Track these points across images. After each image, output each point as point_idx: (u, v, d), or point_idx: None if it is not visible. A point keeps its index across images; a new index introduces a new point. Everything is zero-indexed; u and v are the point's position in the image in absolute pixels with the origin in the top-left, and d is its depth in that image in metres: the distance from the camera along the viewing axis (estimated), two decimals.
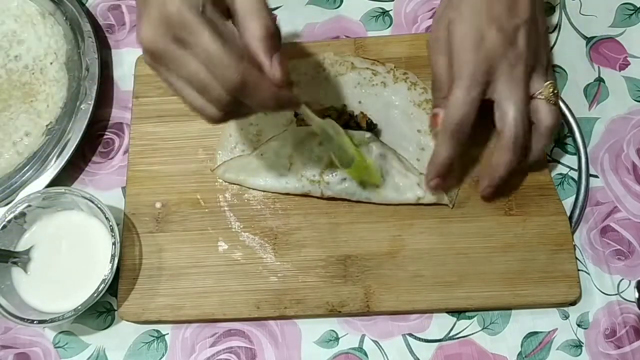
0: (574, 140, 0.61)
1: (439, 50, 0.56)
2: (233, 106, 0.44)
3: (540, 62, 0.55)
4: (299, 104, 0.49)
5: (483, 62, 0.52)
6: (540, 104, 0.54)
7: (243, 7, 0.43)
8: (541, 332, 0.56)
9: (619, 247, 0.59)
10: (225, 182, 0.61)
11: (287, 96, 0.45)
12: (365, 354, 0.56)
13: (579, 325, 0.56)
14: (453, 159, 0.54)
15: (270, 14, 0.44)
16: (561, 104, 0.61)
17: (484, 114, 0.54)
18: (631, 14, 0.67)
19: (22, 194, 0.61)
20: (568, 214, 0.58)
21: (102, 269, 0.55)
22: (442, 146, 0.54)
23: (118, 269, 0.57)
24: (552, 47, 0.65)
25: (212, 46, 0.41)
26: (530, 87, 0.54)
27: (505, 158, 0.53)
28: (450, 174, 0.56)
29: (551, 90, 0.54)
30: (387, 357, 0.56)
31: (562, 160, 0.62)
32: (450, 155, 0.54)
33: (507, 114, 0.52)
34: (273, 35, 0.43)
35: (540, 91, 0.54)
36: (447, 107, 0.53)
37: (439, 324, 0.57)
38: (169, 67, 0.44)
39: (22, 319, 0.54)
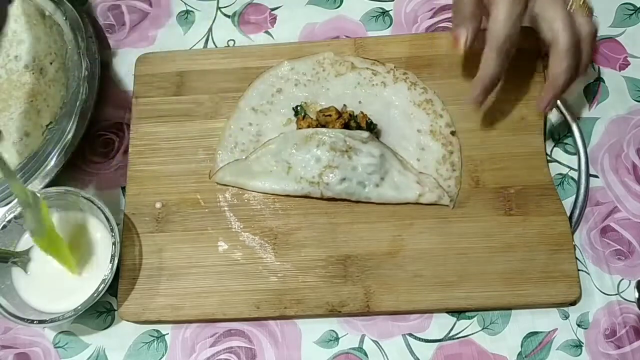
0: (574, 140, 0.61)
1: None
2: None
3: None
4: None
5: None
6: (575, 16, 0.55)
7: None
8: (541, 332, 0.56)
9: (619, 247, 0.59)
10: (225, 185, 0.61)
11: None
12: (365, 354, 0.56)
13: (579, 325, 0.56)
14: (500, 74, 0.56)
15: None
16: (560, 105, 0.61)
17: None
18: (631, 14, 0.67)
19: None
20: (568, 214, 0.58)
21: (102, 269, 0.55)
22: (490, 62, 0.55)
23: (118, 269, 0.57)
24: None
25: None
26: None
27: (563, 65, 0.54)
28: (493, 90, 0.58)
29: (581, 2, 0.55)
30: (387, 357, 0.56)
31: (562, 160, 0.62)
32: (498, 70, 0.55)
33: (555, 21, 0.54)
34: None
35: (570, 4, 0.55)
36: (491, 25, 0.54)
37: (439, 324, 0.57)
38: None
39: (22, 319, 0.54)
